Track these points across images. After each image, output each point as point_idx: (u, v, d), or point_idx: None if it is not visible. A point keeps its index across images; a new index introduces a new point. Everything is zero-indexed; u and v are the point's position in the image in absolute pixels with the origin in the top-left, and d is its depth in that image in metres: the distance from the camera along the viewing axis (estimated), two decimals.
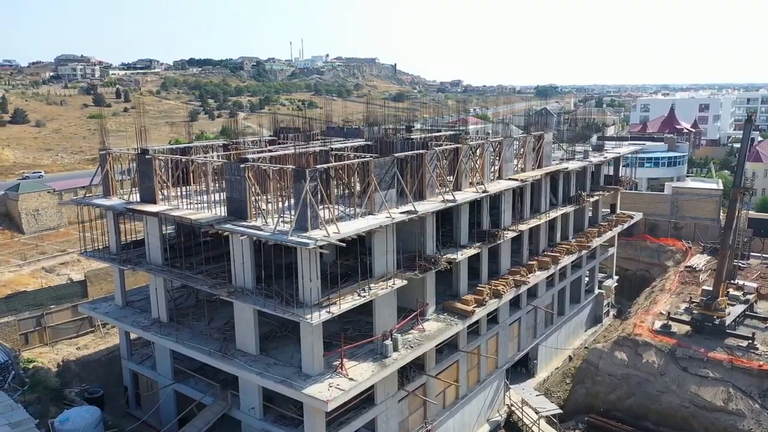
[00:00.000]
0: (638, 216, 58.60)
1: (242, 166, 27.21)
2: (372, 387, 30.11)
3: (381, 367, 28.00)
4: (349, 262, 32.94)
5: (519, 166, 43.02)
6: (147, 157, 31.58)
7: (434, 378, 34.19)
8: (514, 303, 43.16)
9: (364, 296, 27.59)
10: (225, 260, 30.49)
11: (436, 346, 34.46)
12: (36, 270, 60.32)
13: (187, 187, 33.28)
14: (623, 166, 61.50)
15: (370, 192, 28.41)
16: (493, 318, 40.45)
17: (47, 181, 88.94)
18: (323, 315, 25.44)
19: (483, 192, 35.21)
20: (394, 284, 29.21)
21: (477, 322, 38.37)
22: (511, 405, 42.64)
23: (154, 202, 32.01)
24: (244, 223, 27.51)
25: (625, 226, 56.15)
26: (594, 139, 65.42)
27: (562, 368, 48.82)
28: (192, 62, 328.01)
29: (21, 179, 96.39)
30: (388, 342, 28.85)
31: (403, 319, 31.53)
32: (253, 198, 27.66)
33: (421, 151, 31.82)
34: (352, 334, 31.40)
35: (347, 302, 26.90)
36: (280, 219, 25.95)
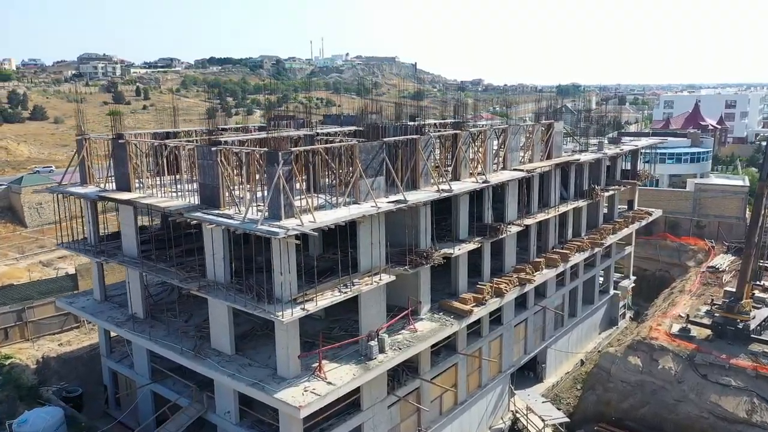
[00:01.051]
0: (657, 213, 55.38)
1: (213, 149, 25.03)
2: (358, 391, 27.86)
3: (364, 370, 25.62)
4: (336, 256, 30.67)
5: (526, 157, 40.32)
6: (120, 141, 29.59)
7: (429, 382, 31.70)
8: (521, 303, 40.55)
9: (345, 292, 25.23)
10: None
11: (432, 348, 32.08)
12: (33, 264, 59.09)
13: (174, 176, 31.29)
14: (644, 162, 58.30)
15: (355, 179, 26.05)
16: (496, 319, 37.84)
17: (57, 175, 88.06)
18: (297, 312, 23.14)
19: (483, 182, 32.62)
20: (380, 280, 26.81)
21: (478, 322, 35.88)
22: (516, 412, 39.95)
23: (128, 189, 30.02)
24: (216, 211, 25.32)
25: (643, 223, 53.00)
26: (613, 134, 62.12)
27: (573, 373, 45.98)
28: (212, 61, 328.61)
29: (31, 173, 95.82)
30: (373, 343, 26.46)
31: (393, 319, 29.12)
32: (226, 184, 25.45)
33: (414, 136, 29.35)
34: (337, 334, 29.08)
35: (326, 299, 24.58)
36: (255, 207, 23.69)
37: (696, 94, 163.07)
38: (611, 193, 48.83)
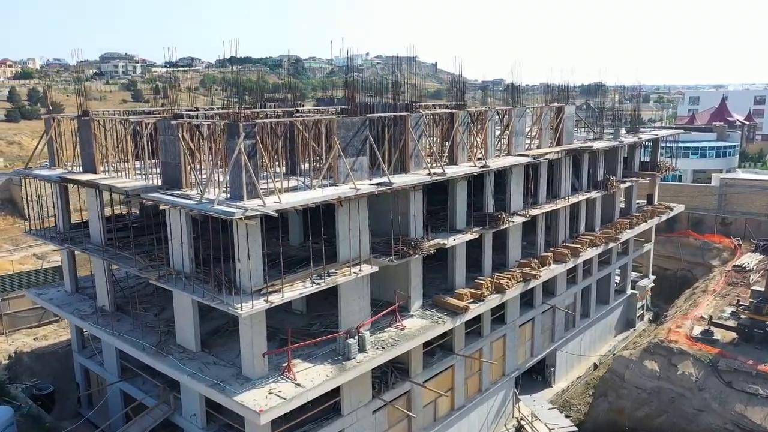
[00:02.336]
0: (679, 208, 51.73)
1: (174, 123, 22.52)
2: (338, 394, 25.17)
3: (339, 371, 22.88)
4: (318, 245, 28.03)
5: (534, 143, 37.27)
6: (84, 119, 27.25)
7: (420, 386, 28.85)
8: (528, 302, 37.53)
9: (319, 283, 22.53)
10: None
11: (426, 348, 29.28)
12: (26, 256, 57.53)
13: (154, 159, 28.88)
14: (666, 157, 54.59)
15: (332, 158, 23.35)
16: (499, 317, 34.84)
17: None
18: (259, 304, 20.49)
19: (482, 166, 29.69)
20: (360, 270, 24.06)
21: (478, 321, 32.96)
22: (521, 419, 36.89)
23: (94, 171, 27.69)
24: (176, 192, 22.80)
25: (663, 218, 49.45)
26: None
27: (585, 378, 42.77)
28: (233, 60, 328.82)
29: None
30: (352, 341, 23.72)
31: (376, 315, 26.38)
32: (188, 162, 22.91)
33: (403, 114, 26.55)
34: (317, 331, 26.40)
35: (295, 290, 21.91)
36: (217, 187, 21.10)
37: (723, 90, 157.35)
38: (628, 184, 45.45)
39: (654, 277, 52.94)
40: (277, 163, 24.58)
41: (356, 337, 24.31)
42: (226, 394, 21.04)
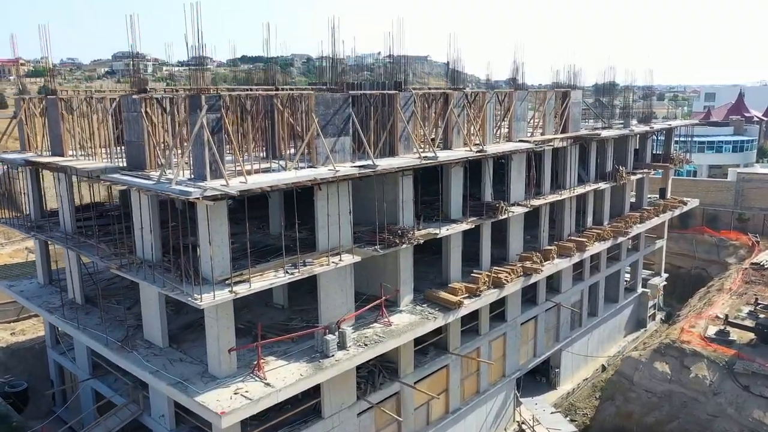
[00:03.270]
0: (693, 203, 49.21)
1: (136, 97, 20.64)
2: (318, 395, 23.23)
3: (315, 370, 20.89)
4: (302, 233, 26.10)
5: (538, 130, 35.09)
6: (51, 97, 25.50)
7: (411, 387, 26.80)
8: (530, 298, 35.36)
9: (293, 273, 20.55)
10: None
11: (418, 346, 27.27)
12: (18, 249, 55.97)
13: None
14: (684, 152, 51.89)
15: (310, 137, 21.36)
16: (499, 315, 32.72)
17: None
18: (222, 295, 18.56)
19: (479, 152, 27.58)
20: (340, 260, 22.05)
21: (476, 318, 30.88)
22: (522, 422, 34.72)
23: (62, 154, 25.93)
24: (139, 173, 20.92)
25: (676, 212, 47.01)
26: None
27: (592, 380, 40.46)
28: (244, 59, 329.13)
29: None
30: (331, 337, 21.71)
31: (359, 310, 24.40)
32: (152, 141, 21.01)
33: (392, 92, 24.52)
34: (297, 326, 24.43)
35: (265, 280, 19.96)
36: (176, 165, 19.19)
37: (740, 85, 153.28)
38: (639, 176, 43.08)
39: (666, 275, 50.51)
40: (251, 143, 22.60)
41: (336, 333, 22.32)
42: (188, 394, 19.13)
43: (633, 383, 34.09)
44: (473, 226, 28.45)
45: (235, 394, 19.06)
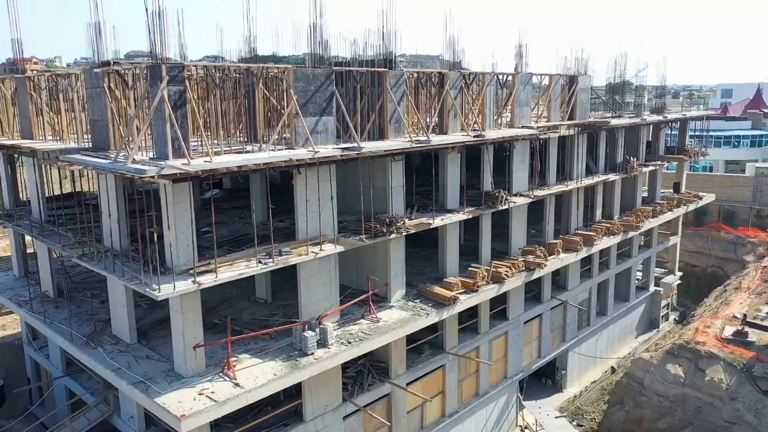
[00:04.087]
0: (709, 197, 46.90)
1: (97, 71, 18.99)
2: (299, 396, 21.51)
3: (291, 370, 19.11)
4: (284, 224, 24.41)
5: (543, 119, 33.11)
6: (18, 77, 23.95)
7: (402, 389, 24.97)
8: (535, 296, 33.44)
9: (267, 263, 18.79)
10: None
11: (411, 345, 25.50)
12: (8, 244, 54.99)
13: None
14: (698, 146, 49.49)
15: (287, 115, 19.59)
16: (500, 312, 30.82)
17: None
18: (184, 286, 16.85)
19: (477, 137, 25.68)
20: (321, 250, 20.26)
21: (475, 316, 29.04)
22: (525, 427, 32.77)
23: (31, 137, 24.38)
24: (102, 154, 19.27)
25: (691, 207, 44.73)
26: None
27: (600, 382, 38.39)
28: (256, 59, 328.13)
29: None
30: (310, 334, 19.93)
31: (344, 305, 22.61)
32: (116, 118, 19.34)
33: (381, 70, 22.69)
34: (278, 321, 22.68)
35: (235, 270, 18.22)
36: (133, 142, 17.47)
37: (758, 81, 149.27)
38: (652, 168, 40.89)
39: (680, 273, 48.28)
40: (227, 122, 20.90)
41: (317, 330, 20.54)
42: (149, 394, 17.43)
43: (644, 386, 31.98)
44: (470, 217, 26.58)
45: (200, 395, 17.34)
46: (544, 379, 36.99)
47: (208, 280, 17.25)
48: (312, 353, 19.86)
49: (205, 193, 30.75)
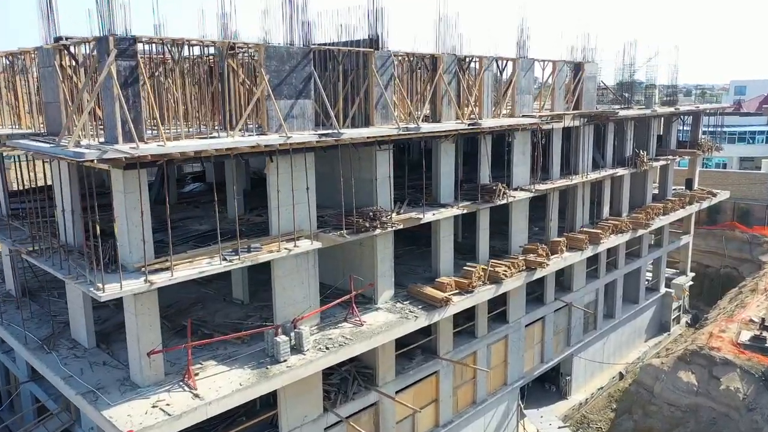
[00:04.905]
0: (723, 195, 44.64)
1: (47, 47, 17.19)
2: (275, 407, 19.67)
3: (259, 379, 17.23)
4: (262, 217, 22.59)
5: (546, 106, 31.10)
6: None
7: (390, 398, 23.04)
8: (538, 297, 31.44)
9: (232, 260, 16.92)
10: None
11: (402, 350, 23.61)
12: None
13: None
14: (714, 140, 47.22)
15: (258, 96, 17.71)
16: (500, 315, 28.85)
17: None
18: (133, 285, 15.01)
19: (471, 125, 23.72)
20: (295, 246, 18.36)
21: (472, 319, 27.10)
22: None
23: None
24: (53, 138, 17.45)
25: (704, 205, 42.51)
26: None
27: (607, 389, 36.31)
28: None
29: None
30: (282, 339, 18.04)
31: (323, 307, 20.71)
32: (68, 100, 17.52)
33: (367, 50, 20.78)
34: (253, 325, 20.80)
35: (195, 268, 16.36)
36: (75, 125, 15.64)
37: None
38: (663, 163, 38.72)
39: (693, 274, 46.02)
40: (186, 103, 19.08)
41: (291, 334, 18.66)
42: (97, 406, 15.61)
43: (654, 395, 29.93)
44: (465, 212, 24.65)
45: (153, 407, 15.50)
46: (548, 385, 34.97)
47: (162, 279, 15.40)
48: (285, 360, 17.98)
49: (186, 186, 29.03)
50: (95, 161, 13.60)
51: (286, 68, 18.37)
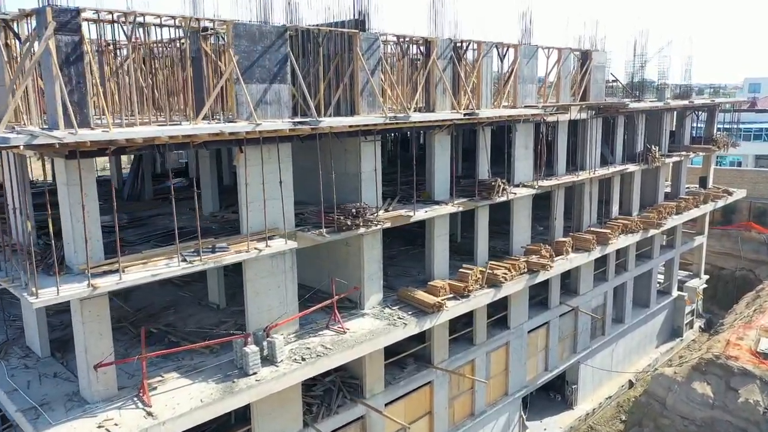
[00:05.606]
0: (740, 193, 42.45)
1: None
2: (248, 421, 17.87)
3: (223, 394, 15.42)
4: (237, 214, 20.73)
5: (550, 96, 29.16)
6: None
7: (378, 412, 21.18)
8: (542, 302, 29.52)
9: (193, 262, 15.11)
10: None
11: (392, 358, 21.78)
12: None
13: None
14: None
15: (226, 79, 15.91)
16: (501, 320, 26.95)
17: None
18: (71, 290, 13.24)
19: (467, 114, 21.82)
20: (267, 246, 16.53)
21: (470, 325, 25.22)
22: None
23: None
24: None
25: (719, 204, 40.35)
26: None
27: (616, 398, 34.27)
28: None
29: None
30: (251, 349, 16.22)
31: (300, 312, 18.88)
32: (13, 81, 15.77)
33: (352, 31, 18.92)
34: (223, 332, 19.01)
35: (147, 270, 14.56)
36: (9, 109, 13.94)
37: None
38: (676, 159, 36.60)
39: (707, 277, 43.82)
40: (156, 93, 17.34)
41: (264, 343, 16.86)
42: (36, 425, 13.86)
43: (666, 407, 27.87)
44: (460, 210, 22.75)
45: (99, 428, 13.72)
46: (552, 394, 33.00)
47: (108, 283, 13.61)
48: (254, 373, 16.16)
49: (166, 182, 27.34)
50: (21, 147, 11.83)
51: (258, 49, 16.56)
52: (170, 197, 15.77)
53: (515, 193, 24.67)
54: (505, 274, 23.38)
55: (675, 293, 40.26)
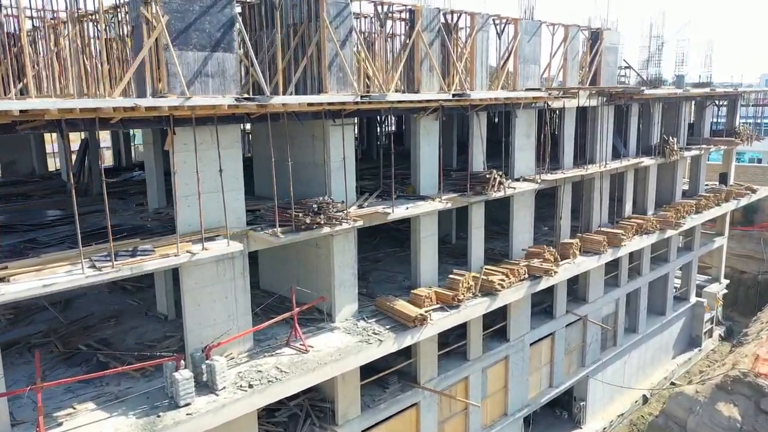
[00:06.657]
0: (765, 191, 39.14)
1: None
2: None
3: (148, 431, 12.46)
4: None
5: (556, 78, 26.07)
6: None
7: None
8: (546, 310, 26.45)
9: (102, 269, 12.16)
10: None
11: (370, 378, 18.76)
12: None
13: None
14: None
15: (150, 46, 12.96)
16: (499, 332, 23.88)
17: None
18: None
19: (456, 96, 18.76)
20: (204, 249, 13.55)
21: (463, 337, 22.19)
22: None
23: None
24: None
25: (742, 202, 37.04)
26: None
27: (629, 415, 31.11)
28: None
29: None
30: (181, 374, 13.23)
31: (260, 327, 15.89)
32: None
33: None
34: (164, 351, 16.06)
35: (40, 278, 11.63)
36: None
37: None
38: (695, 153, 33.34)
39: (727, 281, 40.56)
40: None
41: (203, 366, 13.90)
42: None
43: (687, 430, 24.69)
44: (450, 206, 19.64)
45: None
46: (559, 411, 29.91)
47: None
48: (186, 404, 13.19)
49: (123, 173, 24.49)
50: None
51: (195, 8, 13.59)
52: (124, 191, 12.86)
53: (514, 188, 21.57)
54: (502, 280, 20.29)
55: (693, 299, 37.02)
